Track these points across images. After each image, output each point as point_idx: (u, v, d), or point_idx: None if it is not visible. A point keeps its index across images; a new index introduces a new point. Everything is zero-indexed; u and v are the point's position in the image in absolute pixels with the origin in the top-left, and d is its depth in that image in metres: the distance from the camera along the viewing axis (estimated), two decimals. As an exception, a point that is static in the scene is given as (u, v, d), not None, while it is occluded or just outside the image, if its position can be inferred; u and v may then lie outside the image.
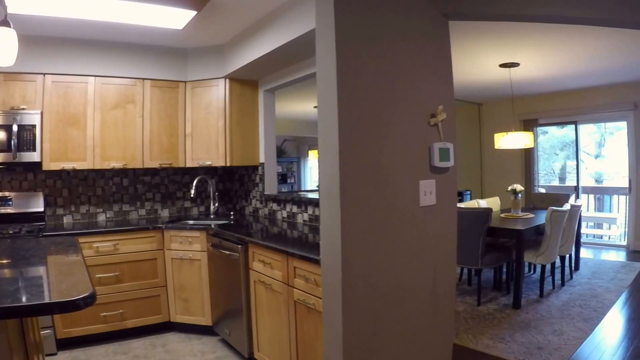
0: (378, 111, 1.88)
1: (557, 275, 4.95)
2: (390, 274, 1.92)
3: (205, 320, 3.63)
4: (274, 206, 4.11)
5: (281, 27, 3.08)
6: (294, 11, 2.92)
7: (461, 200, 7.32)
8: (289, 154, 9.75)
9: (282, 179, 9.91)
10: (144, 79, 4.01)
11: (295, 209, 3.81)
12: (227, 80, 4.09)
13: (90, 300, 1.37)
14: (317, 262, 2.13)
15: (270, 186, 4.30)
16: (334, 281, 1.77)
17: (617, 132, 8.83)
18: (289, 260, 2.48)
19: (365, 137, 1.82)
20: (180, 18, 3.24)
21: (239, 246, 3.04)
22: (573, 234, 4.90)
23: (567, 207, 4.73)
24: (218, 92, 4.11)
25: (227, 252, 3.18)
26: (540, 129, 8.23)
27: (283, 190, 9.44)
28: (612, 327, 3.71)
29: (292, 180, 10.95)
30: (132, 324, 3.61)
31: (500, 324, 3.78)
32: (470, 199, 7.58)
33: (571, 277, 5.16)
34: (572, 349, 3.26)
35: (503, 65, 5.24)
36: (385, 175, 1.90)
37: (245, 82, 4.22)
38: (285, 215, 3.95)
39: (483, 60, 5.11)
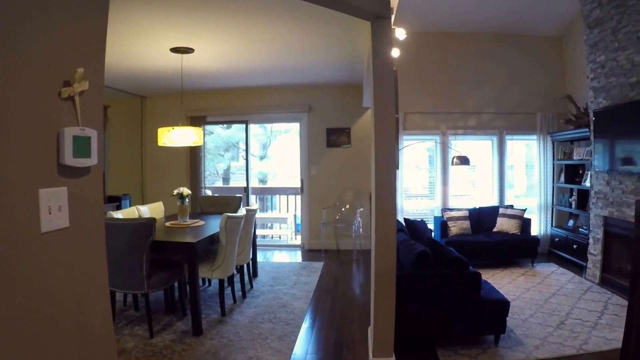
0: None
1: (237, 285, 4.57)
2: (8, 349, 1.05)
3: None
4: None
5: None
6: None
7: (119, 208, 6.30)
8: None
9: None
10: None
11: None
12: None
13: None
14: None
15: None
16: None
17: (279, 136, 9.56)
18: None
19: None
20: None
21: None
22: (250, 240, 4.63)
23: (242, 211, 4.40)
24: None
25: None
26: (206, 128, 7.91)
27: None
28: (312, 341, 3.47)
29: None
30: None
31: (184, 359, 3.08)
32: (130, 205, 6.62)
33: (252, 286, 4.88)
34: (277, 379, 2.83)
35: (175, 50, 4.54)
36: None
37: None
38: None
39: (153, 41, 4.28)
